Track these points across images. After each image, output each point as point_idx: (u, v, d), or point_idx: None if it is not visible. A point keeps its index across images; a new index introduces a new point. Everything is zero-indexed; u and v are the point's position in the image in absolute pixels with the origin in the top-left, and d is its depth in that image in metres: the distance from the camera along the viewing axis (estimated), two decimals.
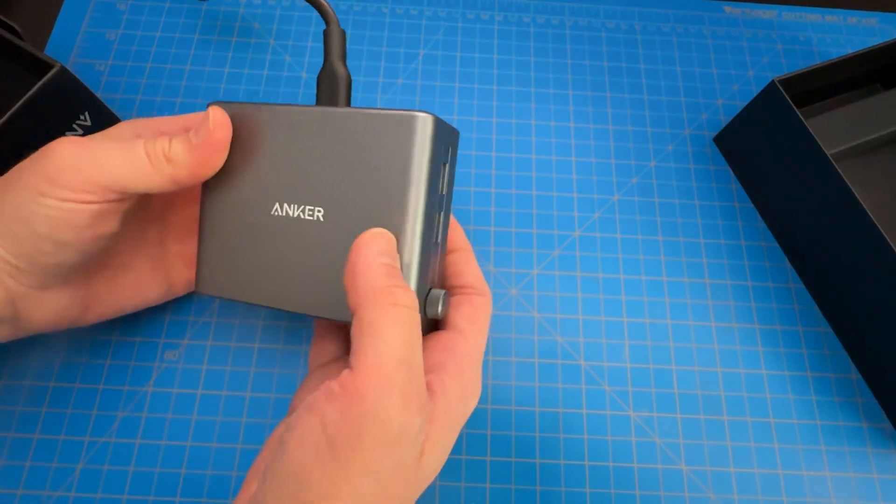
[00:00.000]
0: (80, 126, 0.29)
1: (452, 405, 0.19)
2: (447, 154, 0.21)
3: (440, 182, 0.21)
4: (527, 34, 0.38)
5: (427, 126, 0.19)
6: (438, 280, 0.22)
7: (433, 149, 0.20)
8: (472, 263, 0.23)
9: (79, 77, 0.29)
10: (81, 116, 0.29)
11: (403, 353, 0.17)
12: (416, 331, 0.18)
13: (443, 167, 0.21)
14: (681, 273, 0.32)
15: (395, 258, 0.19)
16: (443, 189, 0.21)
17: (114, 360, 0.28)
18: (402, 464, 0.17)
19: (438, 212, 0.21)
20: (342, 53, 0.22)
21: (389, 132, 0.20)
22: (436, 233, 0.21)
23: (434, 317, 0.20)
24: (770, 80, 0.29)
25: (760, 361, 0.30)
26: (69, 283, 0.22)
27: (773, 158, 0.31)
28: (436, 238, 0.21)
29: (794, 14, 0.39)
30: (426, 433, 0.18)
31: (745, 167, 0.33)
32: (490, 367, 0.29)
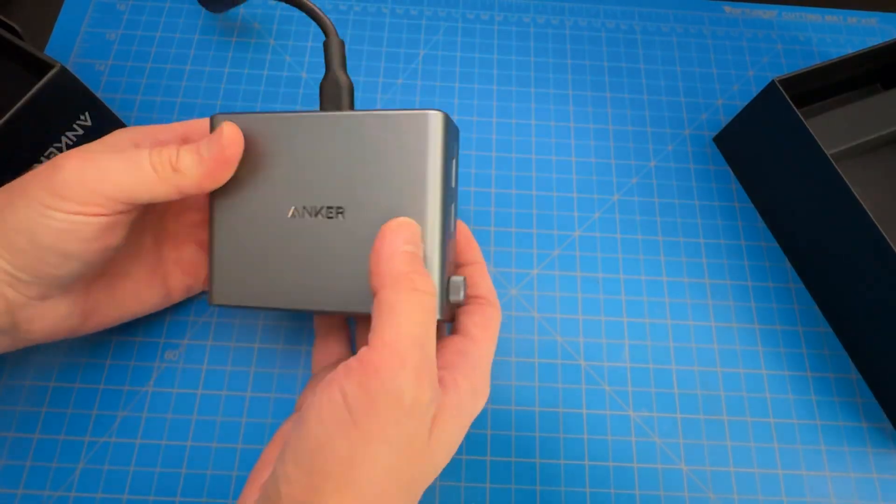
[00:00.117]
0: (80, 126, 0.29)
1: (463, 398, 0.20)
2: (454, 149, 0.22)
3: (452, 175, 0.22)
4: (527, 34, 0.38)
5: (439, 122, 0.21)
6: (450, 267, 0.23)
7: (445, 144, 0.21)
8: (486, 277, 0.24)
9: (79, 77, 0.29)
10: (81, 116, 0.29)
11: (418, 334, 0.18)
12: (432, 315, 0.19)
13: (452, 161, 0.22)
14: (681, 273, 0.32)
15: (419, 246, 0.20)
16: (453, 182, 0.22)
17: (114, 360, 0.28)
18: (414, 438, 0.18)
19: (451, 203, 0.22)
20: (343, 62, 0.23)
21: (403, 131, 0.21)
22: (451, 223, 0.22)
23: (456, 302, 0.21)
24: (770, 80, 0.29)
25: (760, 361, 0.30)
26: (69, 293, 0.23)
27: (773, 158, 0.31)
28: (451, 229, 0.22)
29: (794, 14, 0.39)
30: (435, 412, 0.19)
31: (745, 167, 0.33)
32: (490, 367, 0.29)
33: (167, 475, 0.27)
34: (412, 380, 0.17)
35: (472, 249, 0.25)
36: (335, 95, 0.23)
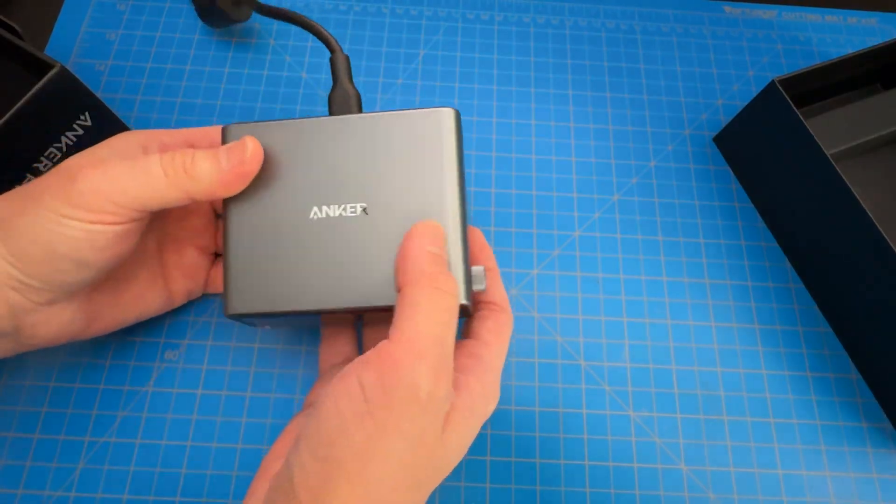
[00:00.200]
0: (81, 126, 0.29)
1: (475, 400, 0.20)
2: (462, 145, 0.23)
3: (463, 169, 0.23)
4: (527, 34, 0.38)
5: (451, 119, 0.22)
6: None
7: (458, 139, 0.22)
8: (500, 284, 0.25)
9: (79, 77, 0.29)
10: (81, 116, 0.29)
11: (438, 332, 0.18)
12: (454, 315, 0.19)
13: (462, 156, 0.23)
14: (680, 273, 0.32)
15: (444, 249, 0.21)
16: (463, 175, 0.23)
17: (114, 360, 0.28)
18: (427, 433, 0.18)
19: (465, 194, 0.23)
20: (350, 75, 0.25)
21: (417, 129, 0.22)
22: (467, 214, 0.23)
23: (479, 290, 0.22)
24: (770, 80, 0.29)
25: (760, 361, 0.30)
26: (74, 298, 0.23)
27: (773, 158, 0.31)
28: (467, 220, 0.23)
29: (794, 14, 0.39)
30: (448, 411, 0.19)
31: (745, 167, 0.33)
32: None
33: (167, 475, 0.27)
34: (430, 375, 0.18)
35: (487, 256, 0.25)
36: (345, 105, 0.24)
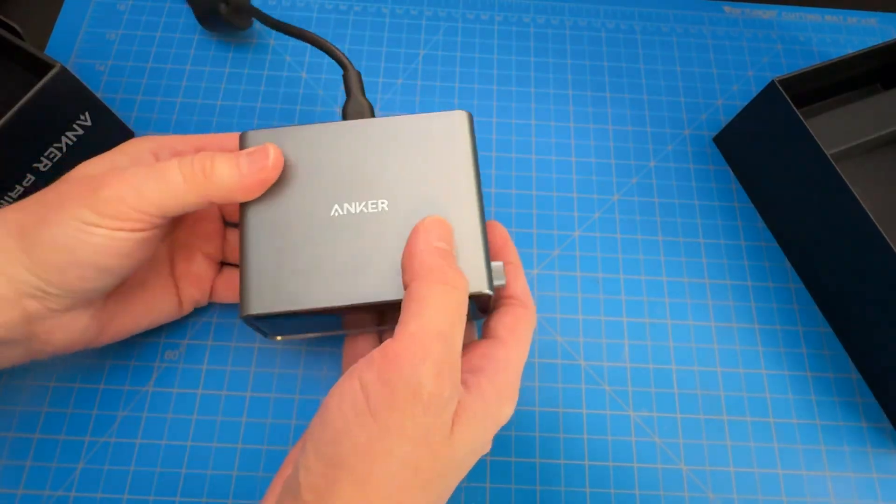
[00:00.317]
0: (81, 126, 0.29)
1: (488, 402, 0.20)
2: None
3: (478, 166, 0.24)
4: (527, 34, 0.38)
5: (466, 120, 0.23)
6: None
7: (472, 138, 0.23)
8: (521, 277, 0.24)
9: (79, 77, 0.29)
10: (81, 116, 0.29)
11: (444, 328, 0.18)
12: (461, 310, 0.19)
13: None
14: (680, 273, 0.32)
15: (451, 245, 0.21)
16: (478, 171, 0.24)
17: (114, 360, 0.28)
18: (432, 433, 0.18)
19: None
20: (362, 89, 0.26)
21: (434, 129, 0.23)
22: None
23: (499, 286, 0.22)
24: (770, 80, 0.29)
25: (760, 361, 0.30)
26: (90, 305, 0.23)
27: (773, 158, 0.31)
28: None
29: (794, 14, 0.39)
30: (457, 411, 0.19)
31: (745, 167, 0.33)
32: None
33: (167, 475, 0.27)
34: (432, 373, 0.17)
35: (509, 250, 0.25)
36: (359, 117, 0.25)
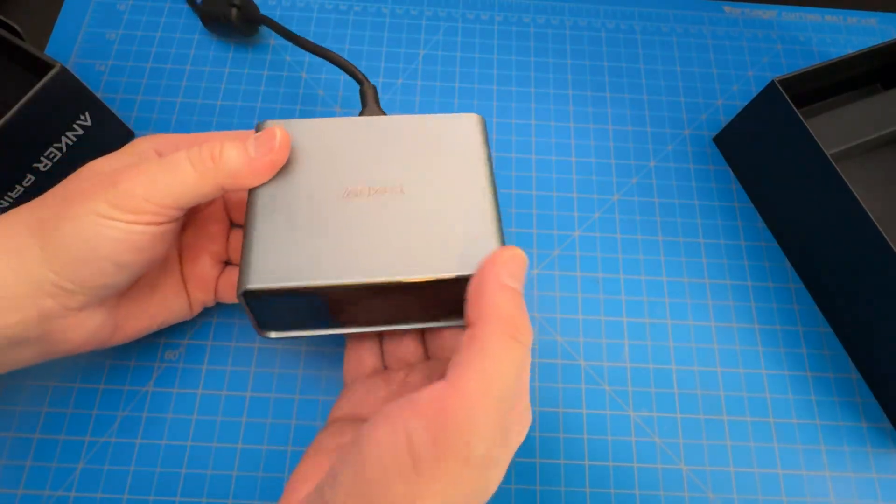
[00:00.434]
0: (81, 126, 0.29)
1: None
2: None
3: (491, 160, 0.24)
4: (527, 34, 0.38)
5: (480, 123, 0.24)
6: None
7: (487, 141, 0.24)
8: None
9: (79, 77, 0.29)
10: (81, 116, 0.29)
11: (506, 393, 0.17)
12: (525, 371, 0.18)
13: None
14: (680, 273, 0.32)
15: (523, 283, 0.19)
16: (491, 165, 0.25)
17: (114, 360, 0.28)
18: (475, 492, 0.17)
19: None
20: (377, 101, 0.27)
21: (447, 125, 0.24)
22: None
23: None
24: (770, 80, 0.29)
25: (760, 361, 0.30)
26: (104, 303, 0.23)
27: (773, 159, 0.31)
28: None
29: (794, 14, 0.39)
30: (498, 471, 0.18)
31: (745, 167, 0.33)
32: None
33: (167, 475, 0.27)
34: (487, 439, 0.16)
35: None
36: None
